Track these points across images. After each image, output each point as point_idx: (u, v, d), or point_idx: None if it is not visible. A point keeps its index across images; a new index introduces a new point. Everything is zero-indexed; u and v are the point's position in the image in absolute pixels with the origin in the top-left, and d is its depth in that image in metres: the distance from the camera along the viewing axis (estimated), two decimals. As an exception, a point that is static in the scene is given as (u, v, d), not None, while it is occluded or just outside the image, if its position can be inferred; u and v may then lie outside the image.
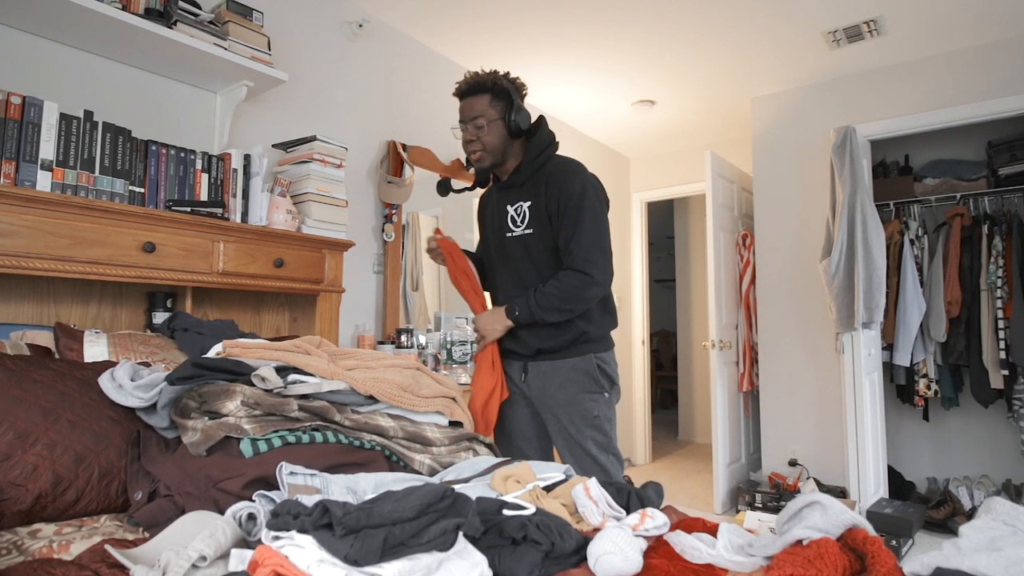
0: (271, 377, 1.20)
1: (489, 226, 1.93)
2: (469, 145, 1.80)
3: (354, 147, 2.71)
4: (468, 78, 1.79)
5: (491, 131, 1.76)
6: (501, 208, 1.85)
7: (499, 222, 1.85)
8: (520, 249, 1.80)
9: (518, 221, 1.79)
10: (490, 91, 1.76)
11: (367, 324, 2.74)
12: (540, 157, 1.78)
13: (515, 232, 1.80)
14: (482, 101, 1.76)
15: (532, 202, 1.76)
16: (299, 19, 2.57)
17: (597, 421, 1.75)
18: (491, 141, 1.77)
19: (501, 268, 1.87)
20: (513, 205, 1.81)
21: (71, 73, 1.89)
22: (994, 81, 3.13)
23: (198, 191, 1.90)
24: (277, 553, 0.68)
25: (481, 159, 1.80)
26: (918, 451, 3.80)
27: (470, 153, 1.81)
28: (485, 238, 1.97)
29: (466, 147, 1.81)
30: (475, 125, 1.77)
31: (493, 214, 1.89)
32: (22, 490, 1.00)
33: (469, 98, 1.78)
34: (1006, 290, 3.18)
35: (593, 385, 1.75)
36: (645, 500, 1.06)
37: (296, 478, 0.97)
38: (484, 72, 1.79)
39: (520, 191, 1.80)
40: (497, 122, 1.76)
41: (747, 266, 4.03)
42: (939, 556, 0.76)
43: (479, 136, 1.77)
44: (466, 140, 1.80)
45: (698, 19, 2.92)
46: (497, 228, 1.87)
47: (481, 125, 1.76)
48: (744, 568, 0.82)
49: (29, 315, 1.71)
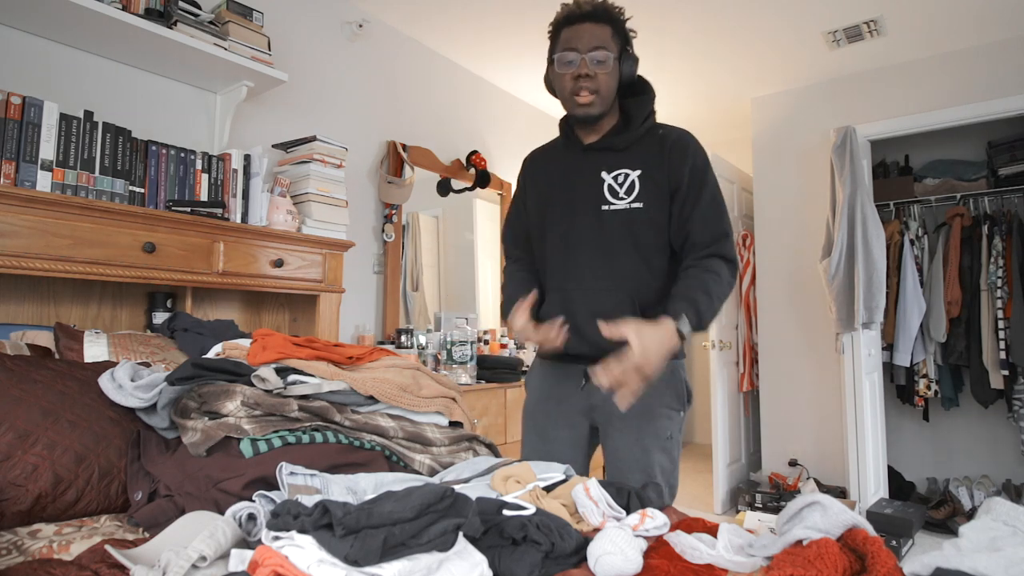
0: (271, 378, 1.20)
1: (560, 199, 1.47)
2: (581, 82, 1.34)
3: (354, 147, 2.71)
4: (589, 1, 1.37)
5: (612, 72, 1.36)
6: (591, 174, 1.42)
7: (586, 192, 1.42)
8: (620, 227, 1.39)
9: (620, 192, 1.39)
10: (613, 24, 1.37)
11: (367, 324, 2.74)
12: (650, 119, 1.44)
13: (616, 205, 1.39)
14: (605, 31, 1.35)
15: (643, 170, 1.38)
16: (299, 19, 2.57)
17: (669, 444, 1.40)
18: (611, 84, 1.37)
19: (584, 250, 1.42)
20: (612, 172, 1.41)
21: (71, 73, 1.89)
22: (994, 81, 3.13)
23: (198, 191, 1.90)
24: (277, 553, 0.68)
25: (592, 105, 1.36)
26: (918, 451, 3.80)
27: (577, 93, 1.35)
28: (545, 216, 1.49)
29: (573, 84, 1.36)
30: (594, 59, 1.33)
31: (573, 180, 1.45)
32: (22, 490, 1.00)
33: (590, 24, 1.35)
34: (1006, 290, 3.18)
35: (674, 400, 1.41)
36: (645, 500, 1.06)
37: (296, 478, 0.97)
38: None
39: (624, 155, 1.41)
40: (616, 63, 1.36)
41: (747, 266, 4.03)
42: (939, 556, 0.76)
43: (598, 73, 1.34)
44: (575, 76, 1.35)
45: (698, 19, 2.92)
46: (581, 200, 1.43)
47: (604, 59, 1.33)
48: (744, 568, 0.82)
49: (29, 315, 1.71)
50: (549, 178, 1.50)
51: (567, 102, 1.40)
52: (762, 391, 3.84)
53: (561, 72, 1.37)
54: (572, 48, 1.34)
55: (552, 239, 1.47)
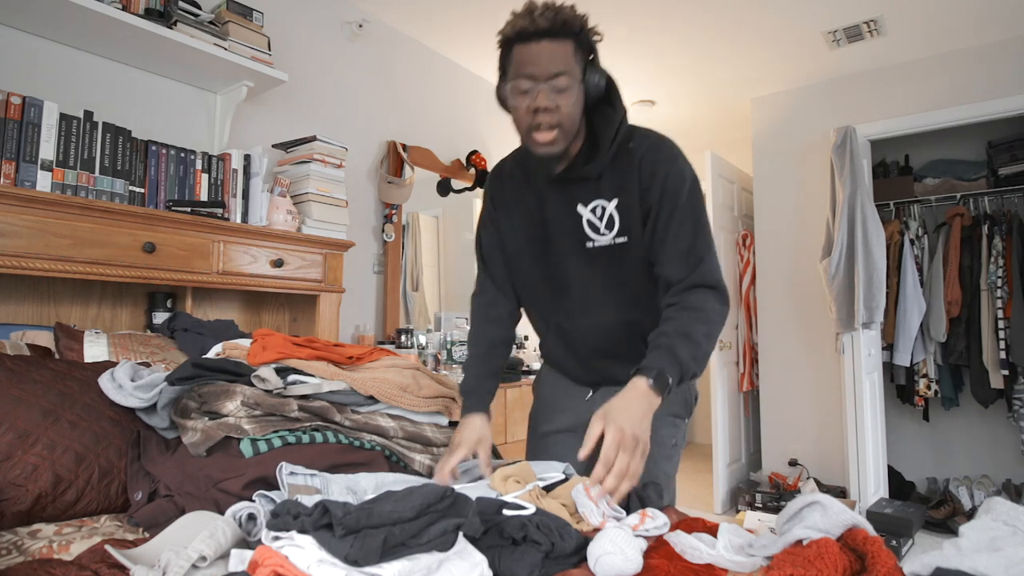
0: (271, 378, 1.20)
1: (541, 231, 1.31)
2: (539, 116, 1.13)
3: (354, 147, 2.71)
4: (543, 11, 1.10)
5: (576, 99, 1.14)
6: (567, 208, 1.26)
7: (567, 228, 1.27)
8: (609, 265, 1.26)
9: (601, 227, 1.23)
10: (575, 38, 1.13)
11: (367, 324, 2.74)
12: (620, 135, 1.21)
13: (599, 241, 1.24)
14: (565, 51, 1.11)
15: (620, 199, 1.21)
16: (299, 19, 2.57)
17: (673, 451, 1.36)
18: (574, 114, 1.16)
19: (574, 289, 1.31)
20: (588, 205, 1.24)
21: (71, 73, 1.89)
22: (994, 81, 3.13)
23: (198, 191, 1.90)
24: (277, 553, 0.68)
25: (554, 143, 1.15)
26: (918, 451, 3.80)
27: (536, 130, 1.14)
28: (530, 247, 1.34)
29: (530, 118, 1.14)
30: (555, 87, 1.11)
31: (549, 216, 1.29)
32: (22, 490, 1.00)
33: (547, 42, 1.10)
34: (1006, 290, 3.18)
35: (681, 408, 1.36)
36: (645, 500, 1.06)
37: (296, 478, 0.97)
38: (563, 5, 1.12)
39: (597, 185, 1.23)
40: (580, 86, 1.15)
41: (747, 266, 4.03)
42: (939, 556, 0.76)
43: (560, 105, 1.12)
44: (532, 108, 1.13)
45: (698, 19, 2.92)
46: (564, 236, 1.28)
47: (565, 87, 1.12)
48: (744, 568, 0.82)
49: (29, 315, 1.71)
50: (523, 208, 1.32)
51: (525, 137, 1.19)
52: (762, 391, 3.84)
53: (516, 103, 1.15)
54: (528, 75, 1.12)
55: (539, 277, 1.35)
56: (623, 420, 0.96)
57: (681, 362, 1.07)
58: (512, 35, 1.13)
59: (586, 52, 1.17)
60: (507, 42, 1.15)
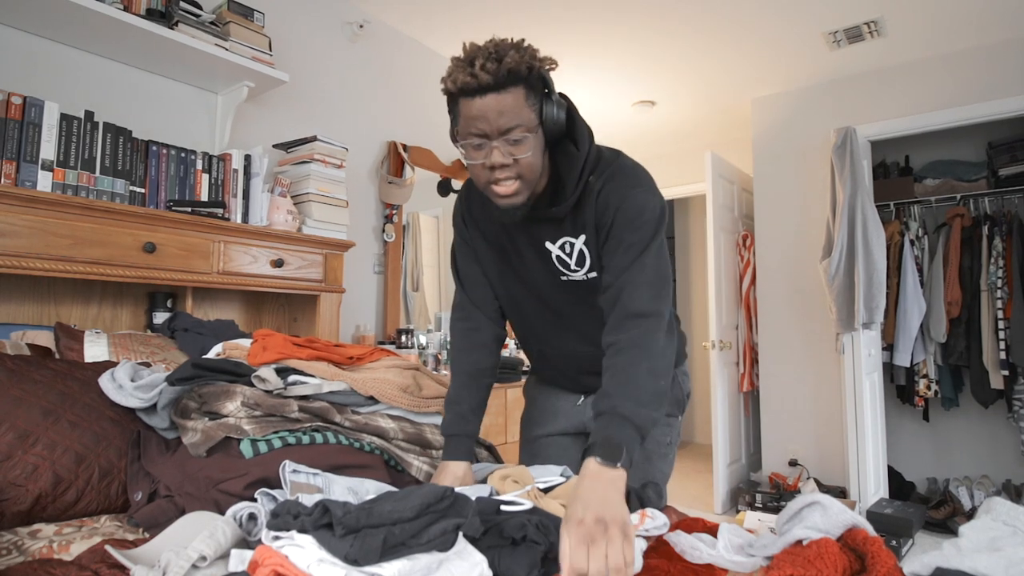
0: (271, 378, 1.20)
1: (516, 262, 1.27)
2: (497, 173, 1.06)
3: (355, 147, 2.71)
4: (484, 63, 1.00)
5: (534, 147, 1.06)
6: (537, 244, 1.22)
7: (538, 264, 1.23)
8: (586, 295, 1.22)
9: (571, 264, 1.20)
10: (524, 81, 1.03)
11: (367, 324, 2.74)
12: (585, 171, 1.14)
13: (573, 276, 1.21)
14: (516, 100, 1.03)
15: (587, 236, 1.16)
16: (300, 20, 2.57)
17: (668, 450, 1.37)
18: (534, 164, 1.08)
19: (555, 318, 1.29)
20: (556, 242, 1.19)
21: (71, 73, 1.89)
22: (994, 82, 3.13)
23: (199, 191, 1.90)
24: (277, 553, 0.68)
25: (516, 195, 1.09)
26: (918, 451, 3.80)
27: (497, 183, 1.08)
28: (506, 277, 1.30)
29: (488, 175, 1.07)
30: (509, 141, 1.04)
31: (521, 249, 1.24)
32: (22, 490, 1.00)
33: (493, 96, 1.01)
34: (1006, 291, 3.18)
35: (673, 406, 1.36)
36: (645, 500, 1.06)
37: (299, 476, 0.97)
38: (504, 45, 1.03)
39: (562, 223, 1.18)
40: (537, 132, 1.07)
41: (747, 266, 4.03)
42: (939, 556, 0.76)
43: (517, 158, 1.05)
44: (490, 166, 1.06)
45: (698, 20, 2.92)
46: (535, 271, 1.24)
47: (519, 139, 1.04)
48: (744, 568, 0.82)
49: (29, 315, 1.71)
50: (496, 237, 1.27)
51: (484, 191, 1.12)
52: (762, 391, 3.84)
53: (471, 159, 1.07)
54: (479, 133, 1.04)
55: (518, 306, 1.33)
56: (579, 512, 0.83)
57: (628, 419, 0.97)
58: (455, 90, 1.03)
59: (540, 90, 1.07)
60: (451, 95, 1.06)
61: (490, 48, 1.02)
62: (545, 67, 1.07)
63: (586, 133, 1.15)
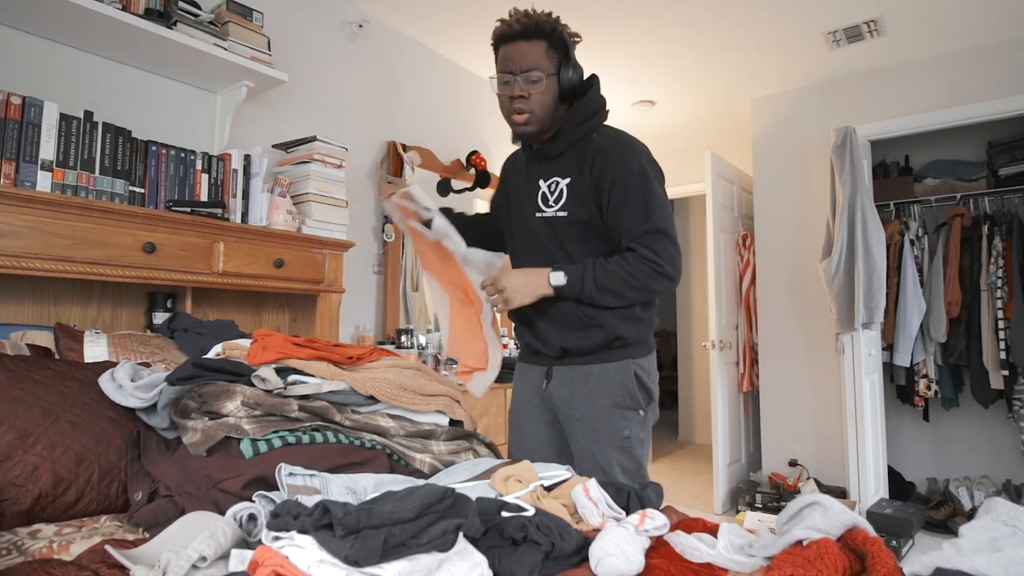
0: (271, 378, 1.20)
1: (514, 201, 1.56)
2: (515, 103, 1.40)
3: (354, 147, 2.71)
4: (519, 17, 1.40)
5: (546, 89, 1.39)
6: (531, 181, 1.50)
7: (527, 197, 1.50)
8: (551, 234, 1.46)
9: (551, 200, 1.45)
10: (548, 38, 1.39)
11: (367, 324, 2.74)
12: (585, 125, 1.44)
13: (546, 212, 1.46)
14: (537, 49, 1.39)
15: (572, 179, 1.43)
16: (299, 19, 2.57)
17: (627, 443, 1.43)
18: (545, 102, 1.40)
19: (526, 255, 1.53)
20: (547, 180, 1.47)
21: (71, 73, 1.89)
22: (994, 82, 3.13)
23: (198, 191, 1.90)
24: (277, 553, 0.68)
25: (527, 124, 1.41)
26: (918, 451, 3.80)
27: (513, 113, 1.42)
28: (507, 215, 1.61)
29: (509, 105, 1.42)
30: (528, 79, 1.38)
31: (520, 187, 1.54)
32: (22, 490, 1.00)
33: (522, 43, 1.39)
34: (1006, 290, 3.18)
35: (627, 399, 1.44)
36: (645, 501, 1.06)
37: (295, 479, 0.97)
38: (539, 12, 1.41)
39: (556, 163, 1.46)
40: (552, 78, 1.40)
41: (747, 266, 4.03)
42: (939, 556, 0.76)
43: (531, 93, 1.39)
44: (510, 96, 1.41)
45: (698, 19, 2.92)
46: (524, 204, 1.51)
47: (536, 79, 1.38)
48: (744, 568, 0.82)
49: (29, 315, 1.71)
50: (513, 180, 1.60)
51: (507, 119, 1.46)
52: (762, 391, 3.84)
53: (500, 92, 1.45)
54: (507, 70, 1.41)
55: (508, 240, 1.61)
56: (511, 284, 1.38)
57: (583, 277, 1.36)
58: (496, 38, 1.43)
59: (560, 50, 1.41)
60: (495, 44, 1.44)
61: (527, 9, 1.42)
62: (568, 35, 1.42)
63: (597, 100, 1.47)
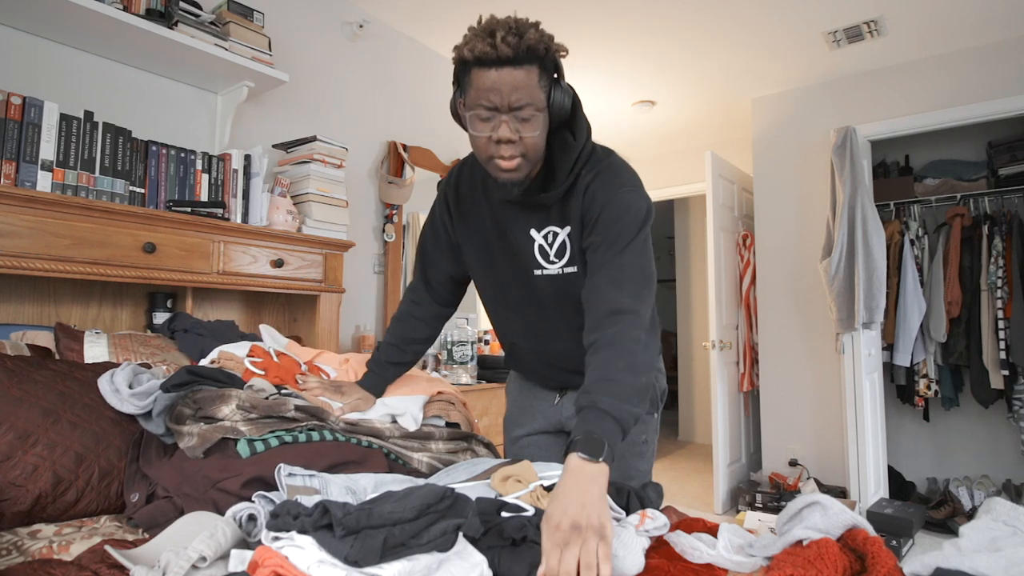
0: (266, 388, 1.20)
1: (498, 252, 1.27)
2: (503, 148, 1.06)
3: (354, 147, 2.71)
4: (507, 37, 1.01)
5: (540, 126, 1.08)
6: (522, 231, 1.21)
7: (518, 250, 1.23)
8: (558, 293, 1.22)
9: (551, 255, 1.19)
10: (540, 61, 1.04)
11: (367, 324, 2.74)
12: (578, 163, 1.14)
13: (549, 270, 1.20)
14: (530, 79, 1.03)
15: (572, 227, 1.17)
16: (300, 19, 2.57)
17: (644, 448, 1.35)
18: (539, 144, 1.09)
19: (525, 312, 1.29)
20: (541, 230, 1.19)
21: (71, 73, 1.89)
22: (994, 82, 3.13)
23: (198, 191, 1.90)
24: (277, 554, 0.68)
25: (517, 170, 1.09)
26: (918, 451, 3.80)
27: (498, 159, 1.08)
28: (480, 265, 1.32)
29: (493, 149, 1.07)
30: (518, 117, 1.05)
31: (505, 236, 1.24)
32: (22, 490, 1.00)
33: (509, 70, 1.02)
34: (1006, 290, 3.18)
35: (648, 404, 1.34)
36: (645, 501, 1.06)
37: (295, 479, 0.97)
38: (524, 23, 1.04)
39: (549, 212, 1.18)
40: (545, 113, 1.08)
41: (747, 266, 4.03)
42: (939, 556, 0.76)
43: (523, 136, 1.06)
44: (496, 140, 1.06)
45: (698, 19, 2.92)
46: (513, 257, 1.24)
47: (528, 118, 1.05)
48: (744, 568, 0.82)
49: (29, 315, 1.71)
50: (479, 220, 1.27)
51: (485, 164, 1.12)
52: (762, 391, 3.84)
53: (476, 131, 1.07)
54: (489, 105, 1.04)
55: (494, 296, 1.34)
56: (556, 515, 0.81)
57: (609, 413, 0.95)
58: (471, 60, 1.03)
59: (551, 73, 1.08)
60: (464, 64, 1.05)
61: (510, 23, 1.02)
62: (559, 53, 1.08)
63: (585, 126, 1.16)
